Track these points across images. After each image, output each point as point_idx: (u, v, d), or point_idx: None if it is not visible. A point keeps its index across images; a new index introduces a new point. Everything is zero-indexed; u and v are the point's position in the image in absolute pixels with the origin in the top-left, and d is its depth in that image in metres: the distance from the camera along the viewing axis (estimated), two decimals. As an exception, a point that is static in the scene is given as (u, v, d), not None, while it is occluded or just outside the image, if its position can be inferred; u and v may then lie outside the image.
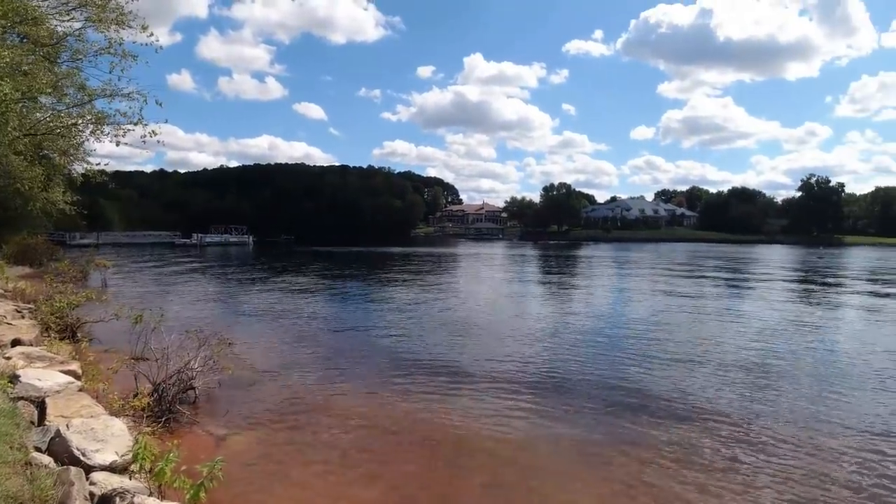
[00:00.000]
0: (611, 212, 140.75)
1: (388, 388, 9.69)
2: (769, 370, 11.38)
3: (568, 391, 9.66)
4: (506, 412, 8.48)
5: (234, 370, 9.22)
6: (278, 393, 9.25)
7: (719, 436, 7.70)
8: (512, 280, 31.84)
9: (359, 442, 7.39)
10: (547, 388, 9.78)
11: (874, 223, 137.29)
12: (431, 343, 13.36)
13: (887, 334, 15.69)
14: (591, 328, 15.75)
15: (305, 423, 7.98)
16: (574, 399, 9.20)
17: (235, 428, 7.68)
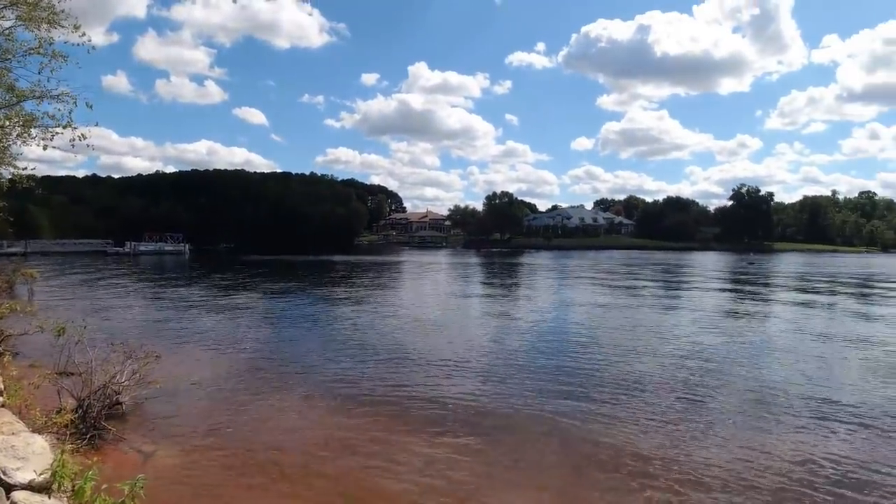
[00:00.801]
0: (552, 220, 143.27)
1: (327, 402, 9.56)
2: (700, 372, 11.80)
3: (506, 400, 9.73)
4: (443, 422, 8.50)
5: (164, 384, 9.03)
6: (211, 408, 9.03)
7: (652, 434, 7.92)
8: (456, 288, 32.04)
9: (299, 460, 7.22)
10: (486, 397, 9.84)
11: (802, 230, 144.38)
12: (372, 354, 13.24)
13: (807, 333, 16.47)
14: (533, 335, 15.99)
15: (240, 441, 7.76)
16: (513, 408, 9.29)
17: (164, 445, 7.49)
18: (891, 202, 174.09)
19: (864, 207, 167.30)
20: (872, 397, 10.06)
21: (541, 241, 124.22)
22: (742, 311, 22.58)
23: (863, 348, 14.86)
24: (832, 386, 10.94)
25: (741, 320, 20.09)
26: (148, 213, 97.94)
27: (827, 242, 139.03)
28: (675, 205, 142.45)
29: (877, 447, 7.68)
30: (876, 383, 11.22)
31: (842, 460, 7.23)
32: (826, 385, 10.98)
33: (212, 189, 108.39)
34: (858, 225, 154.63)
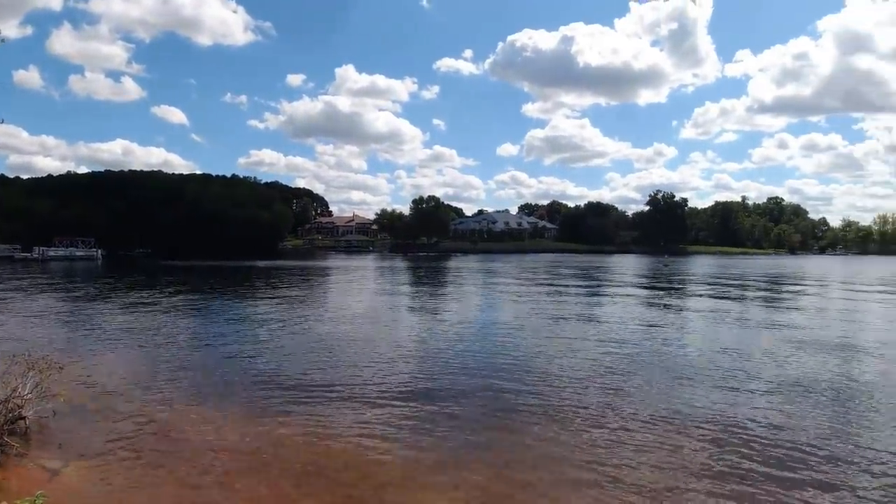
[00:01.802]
0: (478, 224, 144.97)
1: (244, 409, 9.28)
2: (621, 367, 12.09)
3: (434, 400, 9.67)
4: (374, 426, 8.38)
5: (72, 396, 8.62)
6: (122, 419, 8.58)
7: (580, 432, 8.02)
8: (384, 292, 31.94)
9: (214, 470, 6.97)
10: (414, 399, 9.75)
11: (714, 234, 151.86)
12: (299, 360, 12.92)
13: (718, 329, 17.21)
14: (459, 336, 15.99)
15: (156, 455, 7.42)
16: (440, 408, 9.24)
17: (71, 459, 7.15)
18: (797, 207, 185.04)
19: (773, 212, 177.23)
20: (783, 373, 10.65)
21: (467, 244, 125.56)
22: (658, 308, 23.66)
23: (770, 336, 15.79)
24: (745, 368, 11.51)
25: (658, 316, 20.99)
26: (58, 216, 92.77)
27: (737, 245, 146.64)
28: (596, 210, 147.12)
29: (789, 414, 8.11)
30: (784, 362, 11.93)
31: (759, 429, 7.61)
32: (739, 368, 11.53)
33: (127, 191, 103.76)
34: (767, 229, 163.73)
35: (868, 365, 12.87)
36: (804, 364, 12.67)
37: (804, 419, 8.74)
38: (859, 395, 10.12)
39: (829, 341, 15.73)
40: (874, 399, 9.91)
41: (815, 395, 10.11)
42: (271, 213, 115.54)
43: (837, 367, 12.39)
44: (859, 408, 9.39)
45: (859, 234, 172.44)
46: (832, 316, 22.01)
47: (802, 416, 8.91)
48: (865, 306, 26.11)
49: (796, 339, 16.07)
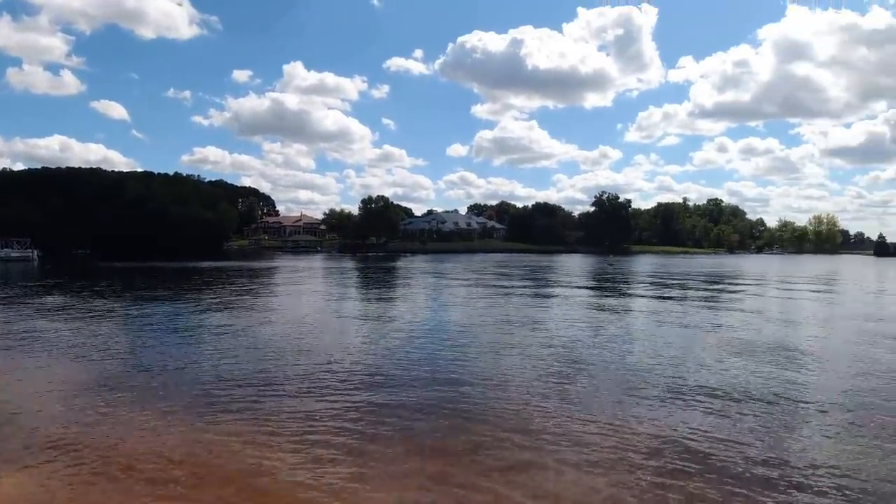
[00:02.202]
0: (427, 224, 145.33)
1: (189, 414, 9.06)
2: (567, 366, 12.20)
3: (380, 402, 9.62)
4: (321, 430, 8.34)
5: (7, 405, 8.37)
6: (63, 428, 8.26)
7: (526, 433, 8.05)
8: (331, 293, 31.65)
9: (157, 476, 6.79)
10: (361, 401, 9.69)
11: (657, 234, 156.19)
12: (244, 364, 12.60)
13: (660, 328, 17.67)
14: (407, 337, 15.90)
15: (93, 459, 7.19)
16: (386, 409, 9.20)
17: (5, 469, 6.82)
18: (736, 208, 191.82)
19: (712, 213, 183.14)
20: (723, 375, 11.04)
21: (417, 245, 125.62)
22: (603, 306, 24.17)
23: (713, 333, 16.34)
24: (688, 367, 11.88)
25: (603, 313, 21.53)
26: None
27: (679, 245, 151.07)
28: (544, 210, 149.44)
29: (730, 418, 8.43)
30: (726, 362, 12.40)
31: (700, 432, 7.87)
32: (682, 366, 11.91)
33: (65, 189, 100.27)
34: (707, 229, 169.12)
35: (803, 362, 13.45)
36: (742, 363, 13.13)
37: (742, 420, 9.10)
38: (796, 393, 10.59)
39: (765, 338, 16.39)
40: (810, 396, 10.40)
41: (753, 393, 10.52)
42: (216, 212, 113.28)
43: (774, 363, 12.93)
44: (796, 407, 9.82)
45: (795, 234, 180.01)
46: (769, 314, 22.91)
47: (740, 416, 9.27)
48: (800, 304, 27.27)
49: (735, 337, 16.65)
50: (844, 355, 14.26)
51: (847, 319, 21.57)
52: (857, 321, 20.78)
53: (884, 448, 7.69)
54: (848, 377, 11.82)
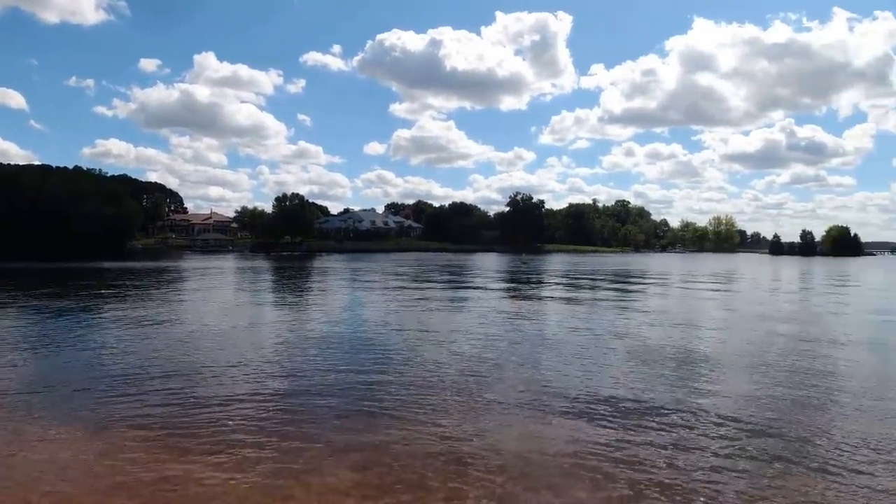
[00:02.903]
0: (344, 223, 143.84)
1: (88, 429, 8.58)
2: (485, 360, 12.46)
3: (296, 402, 9.40)
4: (231, 434, 8.07)
5: None
6: None
7: (444, 426, 8.07)
8: (244, 295, 30.78)
9: (54, 499, 6.40)
10: (274, 403, 9.44)
11: (568, 233, 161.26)
12: (150, 369, 11.96)
13: (572, 321, 18.19)
14: (322, 338, 15.57)
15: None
16: (302, 409, 9.00)
17: None
18: (641, 209, 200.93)
19: (620, 214, 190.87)
20: (631, 379, 11.48)
21: (333, 244, 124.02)
22: (516, 304, 24.48)
23: (620, 335, 16.88)
24: (595, 371, 12.08)
25: (515, 311, 21.81)
26: None
27: (589, 244, 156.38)
28: (460, 210, 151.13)
29: (637, 424, 8.75)
30: (633, 365, 12.78)
31: (611, 440, 8.03)
32: (589, 370, 12.06)
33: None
34: (615, 229, 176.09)
35: (703, 366, 14.19)
36: (644, 367, 13.70)
37: (644, 431, 9.49)
38: (695, 399, 11.15)
39: (668, 340, 17.16)
40: (709, 404, 10.98)
41: (656, 400, 11.01)
42: (119, 208, 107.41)
43: (676, 368, 13.59)
44: (696, 416, 10.34)
45: (696, 234, 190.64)
46: (673, 313, 24.06)
47: (643, 428, 9.67)
48: (702, 303, 28.80)
49: (639, 336, 17.41)
50: (743, 358, 15.12)
51: (745, 319, 22.93)
52: (754, 321, 22.11)
53: (779, 453, 8.20)
54: (746, 382, 12.56)
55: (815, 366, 12.86)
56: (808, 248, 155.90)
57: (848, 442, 7.92)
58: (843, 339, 16.80)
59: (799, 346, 15.30)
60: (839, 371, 12.50)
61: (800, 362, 13.19)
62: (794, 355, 14.04)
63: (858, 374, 12.36)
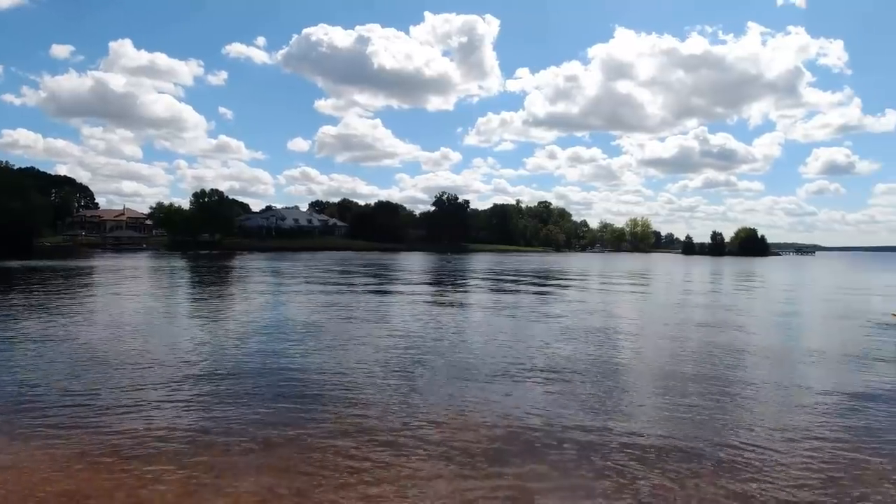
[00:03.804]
0: (266, 221, 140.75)
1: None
2: (408, 358, 12.66)
3: (213, 405, 9.17)
4: (148, 440, 7.87)
5: None
6: None
7: (364, 432, 8.04)
8: (159, 296, 29.72)
9: None
10: (190, 405, 9.16)
11: (492, 233, 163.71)
12: (61, 376, 11.44)
13: (494, 321, 18.55)
14: (242, 340, 15.32)
15: None
16: (220, 412, 8.78)
17: None
18: (563, 211, 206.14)
19: (542, 215, 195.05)
20: (556, 360, 11.91)
21: (254, 242, 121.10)
22: (441, 302, 24.82)
23: (543, 323, 17.57)
24: (520, 364, 12.39)
25: (440, 309, 22.24)
26: None
27: (512, 243, 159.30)
28: (386, 208, 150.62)
29: (564, 398, 9.10)
30: (557, 348, 13.46)
31: (541, 412, 8.44)
32: (514, 362, 12.43)
33: None
34: (537, 229, 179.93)
35: (622, 349, 14.83)
36: (569, 351, 14.20)
37: (571, 402, 9.90)
38: (617, 376, 11.68)
39: (587, 329, 17.70)
40: (629, 379, 11.52)
41: (580, 376, 11.46)
42: (24, 204, 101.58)
43: (596, 352, 14.13)
44: (617, 387, 10.84)
45: (614, 235, 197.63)
46: (591, 306, 24.94)
47: (570, 399, 10.07)
48: (619, 297, 29.94)
49: (561, 327, 18.00)
50: (657, 356, 15.88)
51: (659, 316, 24.00)
52: (669, 317, 23.17)
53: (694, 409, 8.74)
54: (660, 379, 13.23)
55: (722, 356, 13.67)
56: (718, 249, 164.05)
57: (757, 430, 8.52)
58: (747, 326, 17.94)
59: (708, 341, 16.21)
60: (747, 360, 13.33)
61: (708, 356, 14.01)
62: (702, 351, 14.92)
63: (763, 362, 13.24)
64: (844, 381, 12.12)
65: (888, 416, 9.64)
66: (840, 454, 7.78)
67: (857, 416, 9.53)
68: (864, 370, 13.09)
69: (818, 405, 10.16)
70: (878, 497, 6.53)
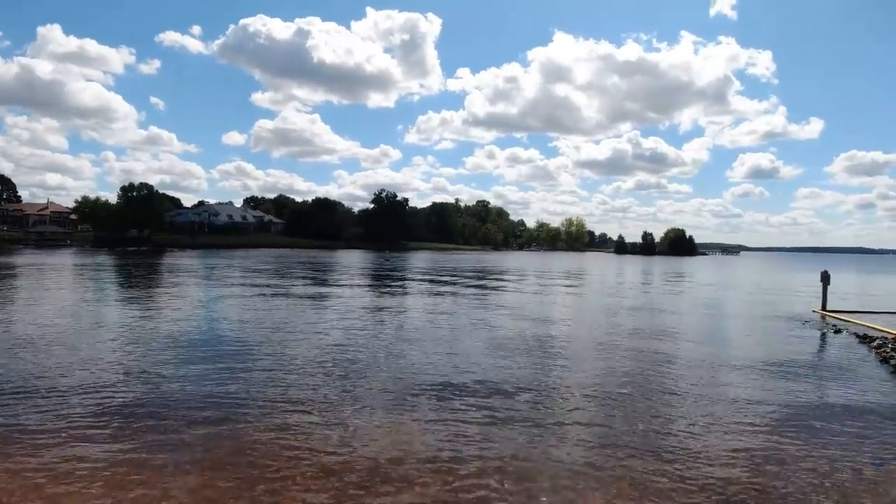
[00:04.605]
0: (198, 217, 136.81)
1: None
2: (345, 359, 12.31)
3: (143, 406, 8.87)
4: (69, 442, 7.55)
5: None
6: None
7: (302, 427, 7.96)
8: (84, 295, 28.52)
9: None
10: (121, 405, 8.83)
11: (431, 231, 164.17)
12: None
13: (435, 316, 18.53)
14: (172, 342, 14.86)
15: None
16: (149, 413, 8.48)
17: None
18: (501, 210, 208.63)
19: (480, 214, 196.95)
20: (491, 366, 11.99)
21: (186, 238, 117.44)
22: (377, 301, 24.80)
23: (480, 327, 17.72)
24: (460, 362, 12.58)
25: (378, 309, 22.11)
26: None
27: (451, 242, 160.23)
28: (324, 205, 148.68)
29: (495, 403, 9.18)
30: (493, 352, 13.47)
31: (475, 422, 8.36)
32: (454, 361, 12.62)
33: None
34: (475, 227, 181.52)
35: (555, 357, 15.14)
36: (507, 353, 14.42)
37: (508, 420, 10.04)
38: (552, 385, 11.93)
39: (525, 328, 18.10)
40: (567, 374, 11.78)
41: (515, 383, 11.62)
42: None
43: (534, 353, 14.42)
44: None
45: (550, 234, 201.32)
46: (528, 304, 25.47)
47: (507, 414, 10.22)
48: (554, 297, 30.54)
49: (499, 330, 18.26)
50: (588, 348, 16.29)
51: (591, 312, 24.63)
52: (600, 314, 23.80)
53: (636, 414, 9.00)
54: (591, 368, 13.58)
55: (653, 347, 14.23)
56: (649, 248, 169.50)
57: (683, 420, 8.87)
58: (675, 326, 18.62)
59: (638, 332, 16.79)
60: (675, 361, 13.85)
61: (640, 344, 14.56)
62: (633, 339, 15.46)
63: (692, 360, 13.77)
64: (769, 376, 12.74)
65: (806, 405, 10.20)
66: (762, 440, 8.21)
67: (778, 405, 10.04)
68: (786, 363, 13.77)
69: (742, 398, 10.64)
70: (795, 480, 6.88)
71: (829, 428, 8.80)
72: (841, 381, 12.05)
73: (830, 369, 13.40)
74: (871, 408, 10.01)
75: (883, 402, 10.49)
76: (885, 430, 8.72)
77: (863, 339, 16.74)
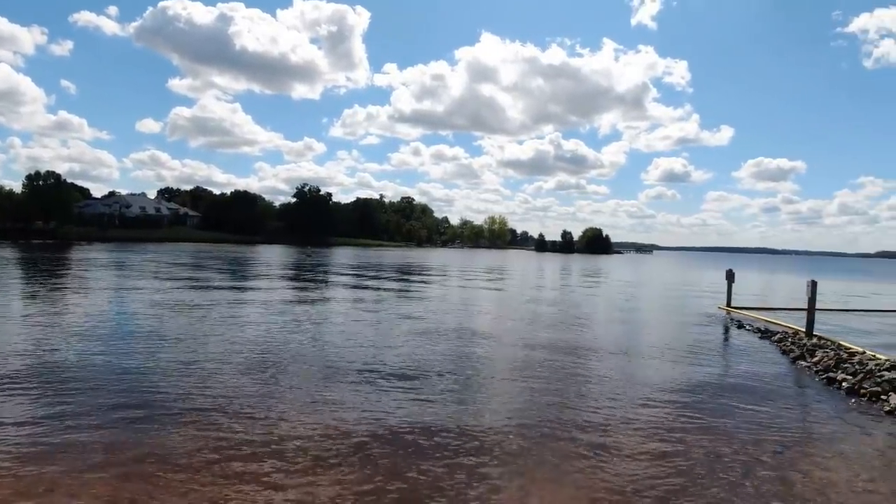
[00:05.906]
0: (108, 208, 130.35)
1: None
2: (271, 359, 12.20)
3: (55, 404, 8.66)
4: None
5: None
6: None
7: (222, 429, 7.94)
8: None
9: None
10: (30, 405, 8.63)
11: (355, 227, 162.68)
12: None
13: (355, 318, 18.38)
14: (86, 343, 14.32)
15: None
16: (62, 411, 8.33)
17: None
18: (425, 207, 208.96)
19: (405, 210, 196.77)
20: (416, 357, 12.12)
21: (95, 231, 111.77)
22: (299, 298, 24.73)
23: (403, 321, 17.88)
24: (384, 353, 12.77)
25: (299, 305, 22.00)
26: None
27: (375, 238, 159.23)
28: (244, 199, 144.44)
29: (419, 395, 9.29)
30: (416, 345, 13.83)
31: (398, 412, 8.49)
32: (378, 352, 12.72)
33: None
34: (400, 224, 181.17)
35: (479, 343, 15.43)
36: (430, 347, 14.62)
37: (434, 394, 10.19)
38: (477, 370, 12.16)
39: (448, 324, 18.45)
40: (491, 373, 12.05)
41: (437, 376, 11.84)
42: None
43: (457, 346, 14.73)
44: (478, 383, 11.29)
45: (473, 232, 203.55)
46: (451, 300, 25.87)
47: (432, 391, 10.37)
48: (477, 293, 31.10)
49: (422, 323, 18.52)
50: (508, 343, 16.68)
51: (512, 307, 25.20)
52: (521, 309, 24.37)
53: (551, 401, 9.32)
54: (510, 361, 13.94)
55: (570, 349, 14.85)
56: (568, 247, 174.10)
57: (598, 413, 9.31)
58: (591, 322, 19.29)
59: (556, 336, 17.48)
60: (591, 354, 14.52)
61: (556, 350, 15.18)
62: (551, 346, 16.10)
63: (607, 354, 14.46)
64: (677, 366, 13.54)
65: (711, 395, 10.92)
66: (670, 427, 8.84)
67: (687, 396, 10.69)
68: (692, 356, 14.58)
69: (655, 390, 11.29)
70: (701, 470, 7.38)
71: (731, 413, 9.52)
72: (743, 373, 12.95)
73: (734, 361, 14.35)
74: (772, 395, 10.81)
75: (782, 390, 11.32)
76: (782, 418, 9.40)
77: (764, 334, 17.83)
